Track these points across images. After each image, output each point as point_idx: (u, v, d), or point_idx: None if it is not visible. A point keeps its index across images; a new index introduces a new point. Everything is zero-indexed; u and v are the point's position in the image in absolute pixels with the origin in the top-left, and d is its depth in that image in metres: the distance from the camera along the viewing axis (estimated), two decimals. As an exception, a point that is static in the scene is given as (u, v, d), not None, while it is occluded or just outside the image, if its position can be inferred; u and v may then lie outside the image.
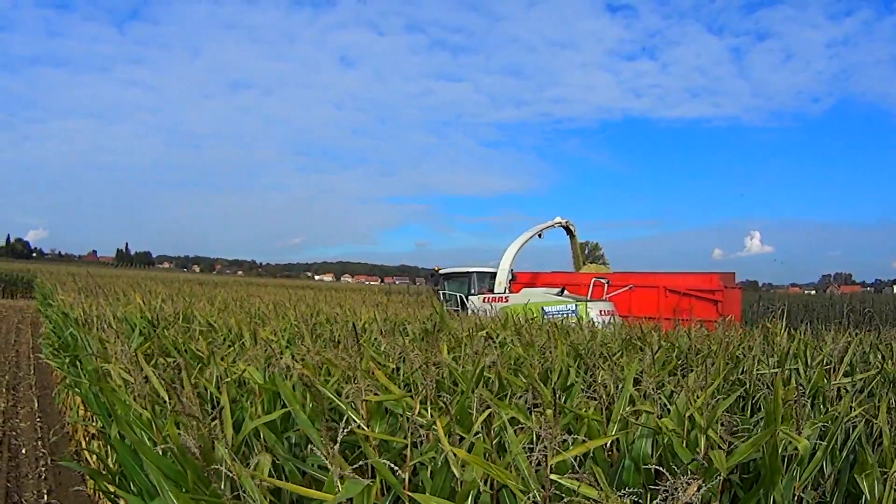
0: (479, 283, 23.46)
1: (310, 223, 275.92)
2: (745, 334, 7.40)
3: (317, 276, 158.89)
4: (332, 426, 2.24)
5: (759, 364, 4.62)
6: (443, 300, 22.25)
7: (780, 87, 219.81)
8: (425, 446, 2.74)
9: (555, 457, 2.13)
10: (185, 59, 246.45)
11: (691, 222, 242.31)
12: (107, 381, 3.86)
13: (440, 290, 24.04)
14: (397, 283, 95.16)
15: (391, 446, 2.80)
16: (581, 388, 3.73)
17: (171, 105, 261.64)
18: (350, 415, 2.81)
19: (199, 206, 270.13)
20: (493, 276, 23.03)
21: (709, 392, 3.22)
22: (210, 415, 2.67)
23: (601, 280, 21.67)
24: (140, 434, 3.00)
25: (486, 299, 21.52)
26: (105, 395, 3.39)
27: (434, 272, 25.45)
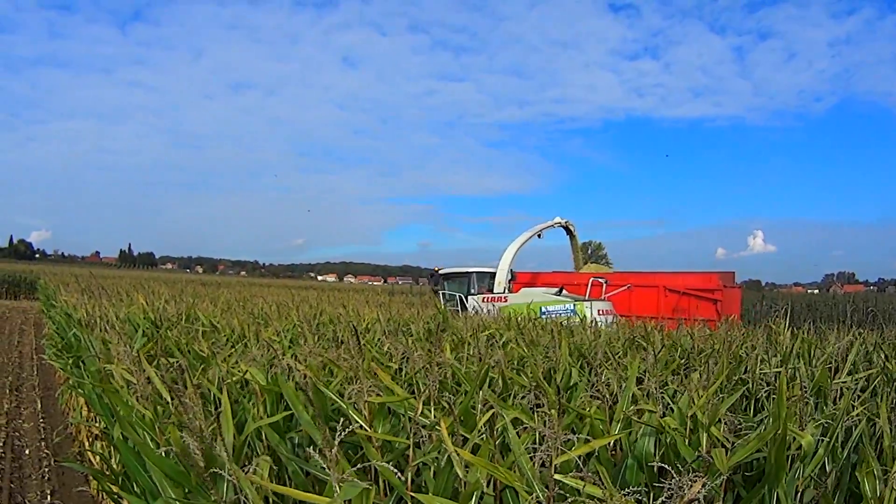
0: (478, 283, 23.43)
1: (313, 224, 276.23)
2: (748, 333, 7.39)
3: (320, 277, 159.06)
4: (335, 427, 2.24)
5: (761, 363, 4.61)
6: (443, 300, 22.27)
7: (782, 86, 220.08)
8: (428, 447, 2.74)
9: (559, 457, 2.13)
10: (188, 60, 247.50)
11: (694, 222, 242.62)
12: (109, 382, 3.86)
13: (440, 290, 24.03)
14: (400, 283, 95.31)
15: (394, 447, 2.80)
16: (585, 388, 3.73)
17: (173, 106, 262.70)
18: (352, 415, 2.80)
19: (202, 206, 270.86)
20: (493, 276, 23.00)
21: (711, 391, 3.22)
22: (213, 416, 2.67)
23: (599, 280, 21.76)
24: (143, 435, 3.00)
25: (485, 299, 21.55)
26: (108, 397, 3.39)
27: (434, 272, 25.42)
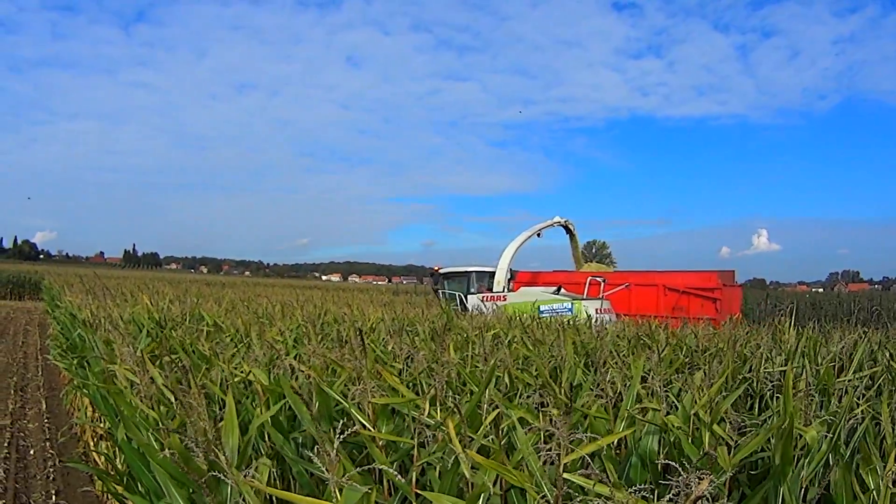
0: (478, 283, 23.55)
1: (317, 223, 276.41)
2: (752, 332, 7.38)
3: (324, 277, 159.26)
4: (339, 427, 2.23)
5: (766, 362, 4.60)
6: (442, 299, 22.33)
7: (786, 84, 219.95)
8: (433, 447, 2.73)
9: (567, 455, 2.13)
10: (191, 61, 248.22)
11: (699, 221, 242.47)
12: (113, 382, 3.86)
13: (440, 289, 24.16)
14: (404, 282, 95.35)
15: (399, 447, 2.80)
16: (590, 387, 3.72)
17: (177, 107, 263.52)
18: (356, 416, 2.80)
19: (205, 207, 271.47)
20: (493, 275, 23.12)
21: (714, 389, 3.22)
22: (217, 416, 2.67)
23: (597, 279, 21.92)
24: (147, 436, 3.00)
25: (485, 298, 21.68)
26: (112, 397, 3.40)
27: (434, 272, 25.52)
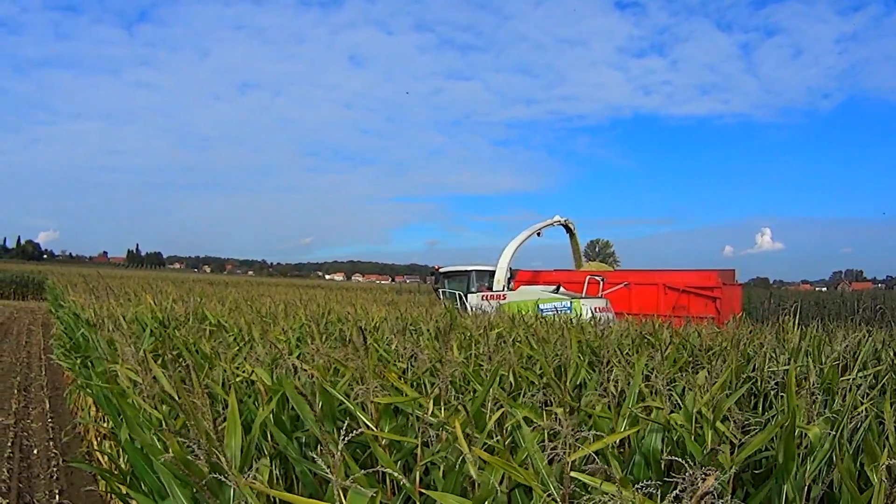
0: (478, 282, 23.62)
1: (320, 223, 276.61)
2: (756, 331, 7.37)
3: (327, 276, 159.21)
4: (341, 427, 2.23)
5: (769, 361, 4.59)
6: (443, 298, 22.42)
7: (789, 83, 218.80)
8: (437, 446, 2.73)
9: (573, 454, 2.12)
10: (194, 61, 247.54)
11: (702, 220, 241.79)
12: (116, 382, 3.86)
13: (440, 288, 24.22)
14: (408, 281, 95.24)
15: (402, 446, 2.79)
16: (595, 386, 3.72)
17: (180, 106, 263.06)
18: (359, 416, 2.80)
19: (209, 206, 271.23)
20: (493, 274, 23.20)
21: (716, 387, 3.21)
22: (220, 416, 2.67)
23: (596, 278, 22.09)
24: (150, 435, 3.00)
25: (484, 297, 21.79)
26: (115, 397, 3.39)
27: (434, 271, 25.60)
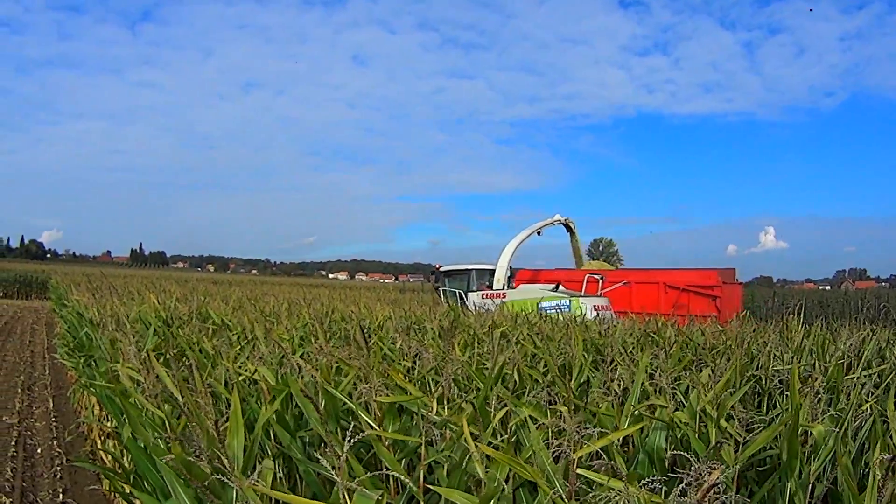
0: (478, 280, 23.75)
1: (323, 222, 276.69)
2: (759, 330, 7.35)
3: (331, 275, 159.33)
4: (345, 426, 2.22)
5: (773, 360, 4.58)
6: (443, 297, 22.48)
7: (792, 81, 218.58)
8: (441, 445, 2.73)
9: (579, 450, 2.12)
10: (197, 60, 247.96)
11: (705, 218, 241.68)
12: (118, 381, 3.86)
13: (440, 287, 24.28)
14: (411, 280, 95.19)
15: (406, 445, 2.79)
16: (599, 385, 3.72)
17: (183, 106, 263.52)
18: (362, 416, 2.79)
19: (212, 206, 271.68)
20: (493, 273, 23.32)
21: (720, 386, 3.20)
22: (223, 415, 2.66)
23: (595, 276, 22.24)
24: (153, 435, 3.00)
25: (484, 295, 21.88)
26: (117, 396, 3.39)
27: (435, 269, 25.67)
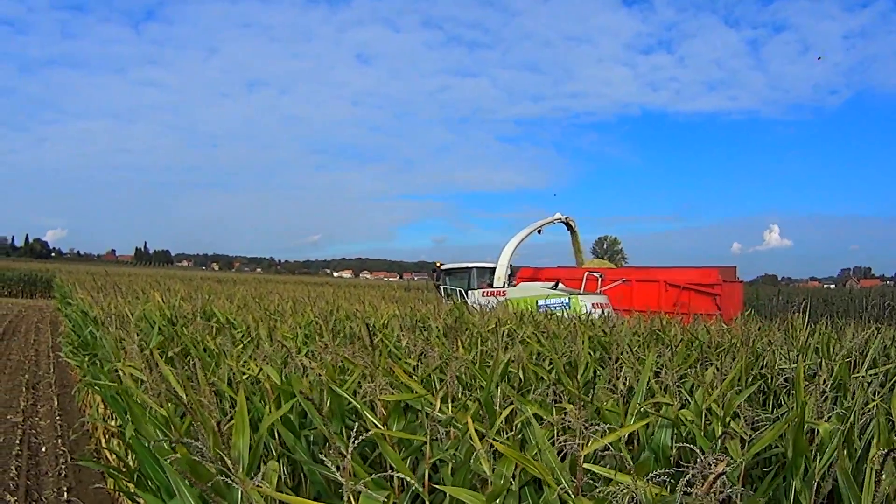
0: (479, 278, 23.78)
1: (328, 220, 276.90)
2: (764, 328, 7.34)
3: (335, 273, 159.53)
4: (350, 425, 2.22)
5: (779, 358, 4.57)
6: (444, 295, 22.51)
7: (797, 79, 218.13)
8: (446, 443, 2.72)
9: (586, 447, 2.12)
10: (201, 59, 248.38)
11: (710, 217, 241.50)
12: (121, 379, 3.86)
13: (441, 285, 24.35)
14: (416, 278, 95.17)
15: (411, 443, 2.78)
16: (604, 383, 3.71)
17: (187, 105, 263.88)
18: (366, 415, 2.79)
19: (217, 204, 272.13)
20: (493, 271, 23.34)
21: (726, 384, 3.20)
22: (228, 414, 2.66)
23: (594, 274, 22.29)
24: (157, 433, 2.99)
25: (485, 293, 21.87)
26: (121, 395, 3.39)
27: (435, 268, 25.71)
